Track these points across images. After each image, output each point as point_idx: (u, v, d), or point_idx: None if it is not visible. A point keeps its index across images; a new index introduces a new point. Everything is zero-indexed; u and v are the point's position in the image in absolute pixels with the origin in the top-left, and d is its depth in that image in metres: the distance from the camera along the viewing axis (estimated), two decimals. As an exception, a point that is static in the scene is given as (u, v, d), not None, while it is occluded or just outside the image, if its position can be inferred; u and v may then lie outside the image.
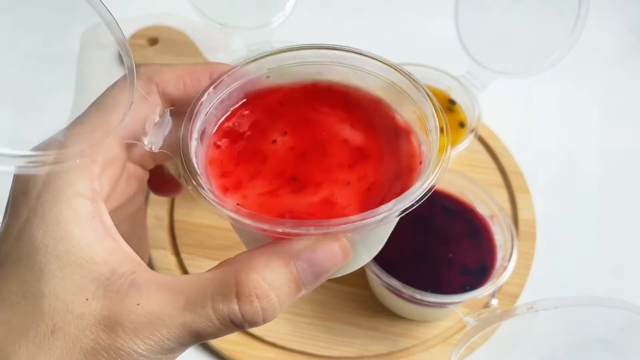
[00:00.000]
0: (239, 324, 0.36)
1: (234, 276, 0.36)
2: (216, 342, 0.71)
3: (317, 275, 0.38)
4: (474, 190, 0.73)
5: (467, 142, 0.77)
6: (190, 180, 0.39)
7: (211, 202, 0.38)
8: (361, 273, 0.76)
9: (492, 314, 0.69)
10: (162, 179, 0.52)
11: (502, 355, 0.72)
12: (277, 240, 0.38)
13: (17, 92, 0.43)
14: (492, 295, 0.73)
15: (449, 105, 0.85)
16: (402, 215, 0.38)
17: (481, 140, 0.90)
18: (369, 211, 0.37)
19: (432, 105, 0.43)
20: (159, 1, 1.14)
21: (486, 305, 0.74)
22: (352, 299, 0.75)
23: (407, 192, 0.38)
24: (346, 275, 0.77)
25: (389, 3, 1.12)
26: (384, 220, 0.37)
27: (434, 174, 0.40)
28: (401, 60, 0.86)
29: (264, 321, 0.36)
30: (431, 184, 0.39)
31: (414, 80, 0.44)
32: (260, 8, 0.92)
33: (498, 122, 0.92)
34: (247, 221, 0.37)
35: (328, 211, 0.40)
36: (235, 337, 0.72)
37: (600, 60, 1.04)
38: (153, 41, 1.06)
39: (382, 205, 0.37)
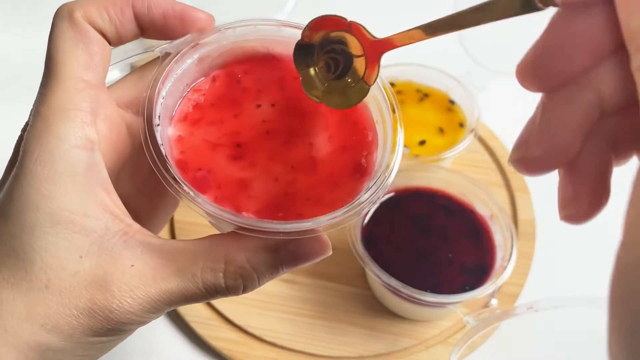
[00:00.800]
0: (222, 293, 0.39)
1: (225, 253, 0.39)
2: (216, 342, 0.71)
3: (297, 264, 0.41)
4: (474, 191, 0.73)
5: (467, 142, 0.77)
6: (162, 171, 0.38)
7: (192, 201, 0.38)
8: (361, 273, 0.76)
9: (492, 314, 0.69)
10: None
11: (502, 355, 0.72)
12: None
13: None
14: (492, 295, 0.73)
15: (448, 105, 0.85)
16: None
17: (481, 140, 0.90)
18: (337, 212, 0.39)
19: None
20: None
21: (486, 305, 0.74)
22: (352, 299, 0.75)
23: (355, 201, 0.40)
24: (346, 275, 0.77)
25: (388, 3, 1.12)
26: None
27: (385, 179, 0.40)
28: (401, 60, 0.87)
29: (244, 293, 0.40)
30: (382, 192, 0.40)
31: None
32: (260, 8, 0.92)
33: (498, 122, 0.92)
34: (226, 215, 0.38)
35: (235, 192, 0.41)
36: (235, 337, 0.72)
37: (600, 60, 1.04)
38: (153, 41, 1.05)
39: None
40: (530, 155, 0.32)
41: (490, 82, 0.86)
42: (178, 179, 0.38)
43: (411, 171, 0.75)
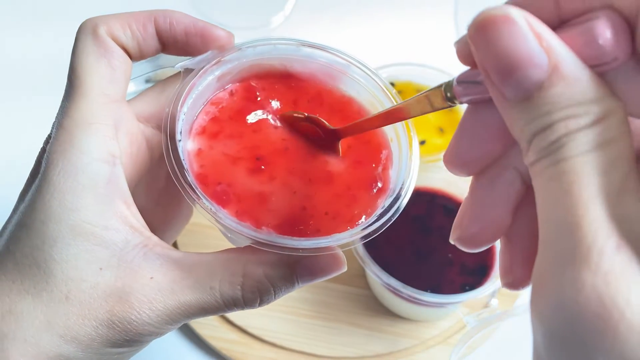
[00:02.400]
0: (239, 306, 0.40)
1: (243, 268, 0.40)
2: (216, 342, 0.71)
3: (313, 279, 0.41)
4: (474, 190, 0.73)
5: (467, 142, 0.77)
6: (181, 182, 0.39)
7: (209, 212, 0.39)
8: (361, 273, 0.76)
9: (492, 314, 0.69)
10: None
11: (502, 356, 0.72)
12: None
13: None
14: (492, 295, 0.73)
15: (448, 105, 0.85)
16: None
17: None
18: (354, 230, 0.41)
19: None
20: (159, 1, 1.14)
21: (486, 306, 0.74)
22: (352, 299, 0.75)
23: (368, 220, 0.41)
24: (346, 275, 0.77)
25: (388, 3, 1.12)
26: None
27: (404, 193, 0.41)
28: (401, 60, 0.87)
29: (259, 306, 0.41)
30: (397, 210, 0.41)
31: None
32: (260, 8, 0.92)
33: (498, 122, 0.92)
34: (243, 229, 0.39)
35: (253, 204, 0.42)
36: (235, 337, 0.72)
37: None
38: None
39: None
40: (467, 233, 0.33)
41: (490, 82, 0.86)
42: (199, 194, 0.39)
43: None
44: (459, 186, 0.75)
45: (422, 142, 0.80)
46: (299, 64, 0.46)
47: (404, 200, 0.41)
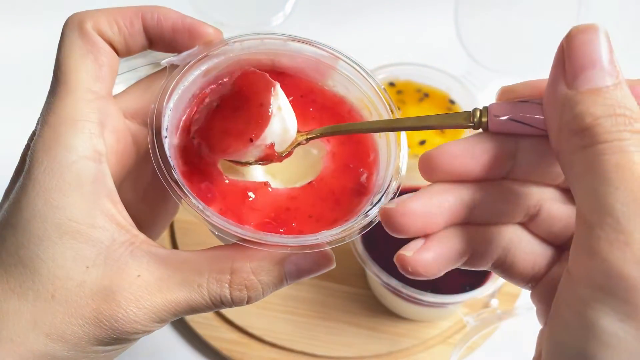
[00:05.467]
0: (227, 304, 0.40)
1: (231, 265, 0.39)
2: (216, 342, 0.71)
3: (300, 277, 0.41)
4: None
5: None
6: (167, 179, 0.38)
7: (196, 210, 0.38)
8: (361, 273, 0.76)
9: (492, 314, 0.69)
10: None
11: (502, 356, 0.72)
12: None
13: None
14: (492, 295, 0.73)
15: (449, 104, 0.85)
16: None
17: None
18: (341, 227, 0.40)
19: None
20: (159, 1, 1.14)
21: (486, 305, 0.74)
22: (352, 299, 0.75)
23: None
24: (346, 275, 0.77)
25: (389, 3, 1.12)
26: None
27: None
28: (401, 60, 0.87)
29: (247, 304, 0.41)
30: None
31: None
32: (260, 8, 0.92)
33: (498, 122, 0.92)
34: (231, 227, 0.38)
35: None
36: (235, 337, 0.72)
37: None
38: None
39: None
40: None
41: (490, 82, 0.86)
42: (186, 192, 0.38)
43: (411, 171, 0.74)
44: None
45: (422, 142, 0.80)
46: (286, 58, 0.45)
47: (391, 198, 0.41)
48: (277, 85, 0.41)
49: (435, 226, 0.36)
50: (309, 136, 0.42)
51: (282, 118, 0.41)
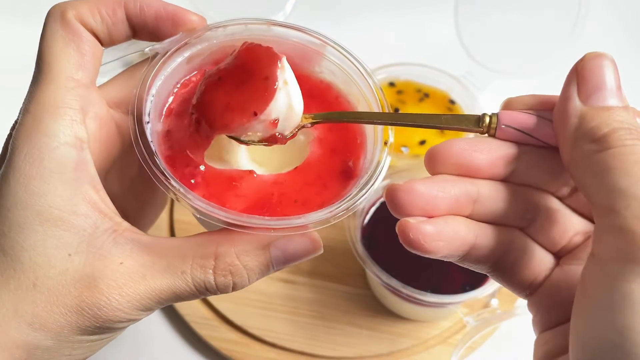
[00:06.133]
0: (212, 291, 0.39)
1: (215, 250, 0.39)
2: (216, 342, 0.71)
3: (287, 262, 0.40)
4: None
5: (467, 142, 0.77)
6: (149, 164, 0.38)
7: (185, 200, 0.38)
8: (361, 273, 0.76)
9: (492, 314, 0.69)
10: None
11: (502, 356, 0.72)
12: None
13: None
14: (492, 295, 0.73)
15: (449, 104, 0.85)
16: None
17: (481, 140, 0.90)
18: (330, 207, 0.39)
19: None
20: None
21: (486, 305, 0.74)
22: (352, 299, 0.75)
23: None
24: (346, 275, 0.77)
25: (389, 3, 1.12)
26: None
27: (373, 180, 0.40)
28: (401, 60, 0.87)
29: (233, 290, 0.40)
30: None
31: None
32: (260, 8, 0.92)
33: (498, 122, 0.92)
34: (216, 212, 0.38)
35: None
36: (235, 337, 0.72)
37: (600, 60, 1.04)
38: (153, 41, 1.05)
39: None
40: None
41: (490, 82, 0.86)
42: (168, 175, 0.38)
43: (411, 171, 0.75)
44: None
45: (422, 142, 0.80)
46: (270, 43, 0.44)
47: (379, 179, 0.40)
48: (284, 59, 0.40)
49: (438, 210, 0.37)
50: (313, 120, 0.42)
51: (288, 93, 0.40)
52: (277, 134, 0.41)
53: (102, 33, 0.42)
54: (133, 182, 0.46)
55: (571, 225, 0.38)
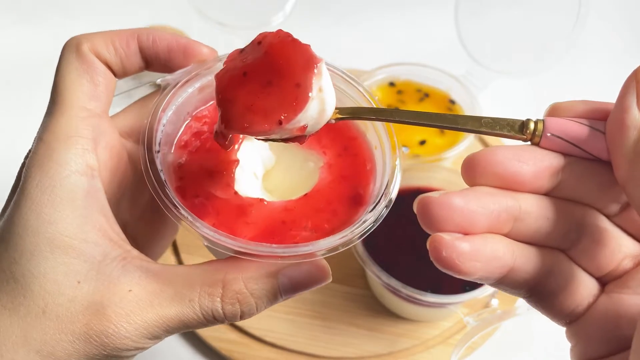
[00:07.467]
0: (220, 319, 0.39)
1: (223, 277, 0.39)
2: (216, 342, 0.71)
3: (295, 290, 0.40)
4: (474, 190, 0.73)
5: (467, 142, 0.77)
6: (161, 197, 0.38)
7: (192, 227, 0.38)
8: (361, 273, 0.76)
9: (492, 314, 0.69)
10: None
11: (502, 356, 0.72)
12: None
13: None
14: (492, 295, 0.73)
15: (449, 104, 0.85)
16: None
17: (481, 140, 0.90)
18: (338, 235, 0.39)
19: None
20: (159, 1, 1.14)
21: (486, 305, 0.74)
22: (352, 299, 0.75)
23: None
24: (346, 275, 0.77)
25: (389, 3, 1.12)
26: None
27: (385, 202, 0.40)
28: (401, 60, 0.86)
29: (241, 319, 0.40)
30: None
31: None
32: (260, 8, 0.92)
33: (498, 122, 0.92)
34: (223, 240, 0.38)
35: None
36: (235, 337, 0.72)
37: (600, 59, 1.04)
38: (153, 41, 1.05)
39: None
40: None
41: (490, 82, 0.86)
42: (177, 204, 0.38)
43: (412, 171, 0.74)
44: (459, 185, 0.74)
45: (422, 142, 0.80)
46: None
47: (386, 210, 0.40)
48: (322, 63, 0.36)
49: (475, 227, 0.34)
50: (339, 116, 0.39)
51: (322, 100, 0.37)
52: (301, 135, 0.38)
53: (116, 64, 0.43)
54: (144, 211, 0.47)
55: (620, 248, 0.34)
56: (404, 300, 0.68)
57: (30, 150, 0.40)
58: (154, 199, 0.38)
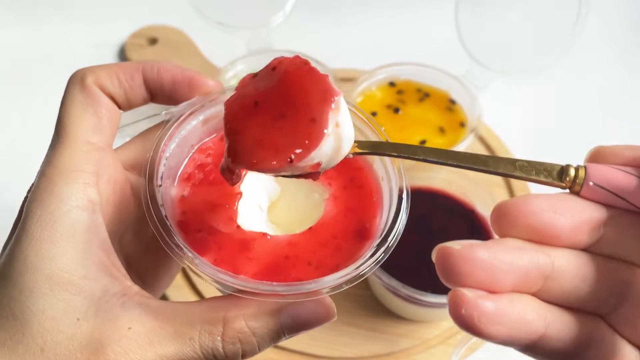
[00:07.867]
0: (221, 359, 0.38)
1: (224, 315, 0.37)
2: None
3: (298, 329, 0.39)
4: (475, 191, 0.73)
5: (468, 141, 0.77)
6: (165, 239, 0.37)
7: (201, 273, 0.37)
8: (361, 273, 0.76)
9: (493, 314, 0.68)
10: None
11: (502, 356, 0.72)
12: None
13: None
14: (493, 295, 0.73)
15: (449, 104, 0.85)
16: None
17: (481, 139, 0.90)
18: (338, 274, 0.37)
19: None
20: (159, 1, 1.14)
21: (486, 306, 0.74)
22: (352, 299, 0.75)
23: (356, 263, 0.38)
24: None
25: (389, 3, 1.12)
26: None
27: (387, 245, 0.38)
28: (401, 60, 0.86)
29: (243, 359, 0.39)
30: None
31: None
32: (260, 8, 0.92)
33: (498, 122, 0.92)
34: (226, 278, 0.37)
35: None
36: (235, 337, 0.72)
37: (600, 59, 1.04)
38: (152, 41, 1.05)
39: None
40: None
41: (490, 82, 0.86)
42: (177, 241, 0.37)
43: (412, 171, 0.74)
44: (460, 186, 0.74)
45: (422, 142, 0.80)
46: None
47: (393, 244, 0.39)
48: (340, 97, 0.34)
49: (500, 284, 0.31)
50: (358, 150, 0.37)
51: (338, 136, 0.34)
52: (314, 172, 0.36)
53: (120, 97, 0.42)
54: (148, 245, 0.46)
55: None
56: (404, 300, 0.68)
57: (32, 185, 0.40)
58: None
